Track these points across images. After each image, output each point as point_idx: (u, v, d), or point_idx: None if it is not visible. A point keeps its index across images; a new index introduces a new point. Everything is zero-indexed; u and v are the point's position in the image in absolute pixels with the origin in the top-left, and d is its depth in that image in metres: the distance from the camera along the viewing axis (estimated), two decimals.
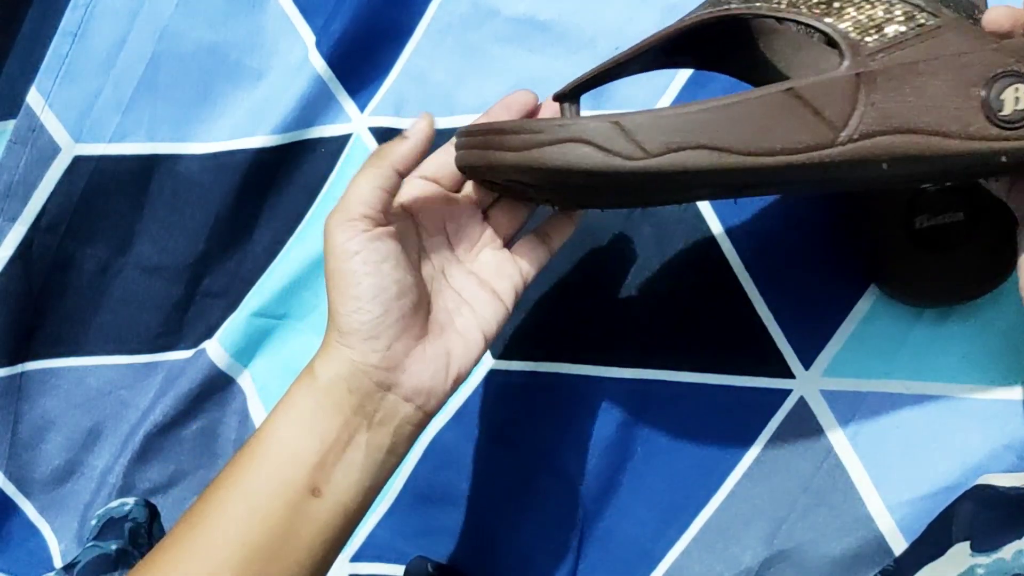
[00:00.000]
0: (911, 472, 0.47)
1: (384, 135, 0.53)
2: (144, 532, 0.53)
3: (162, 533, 0.56)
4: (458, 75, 0.52)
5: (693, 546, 0.50)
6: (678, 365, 0.51)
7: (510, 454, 0.53)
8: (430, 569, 0.52)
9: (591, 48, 0.50)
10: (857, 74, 0.32)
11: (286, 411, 0.37)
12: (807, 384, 0.49)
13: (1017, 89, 0.31)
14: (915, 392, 0.47)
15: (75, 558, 0.52)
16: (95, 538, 0.53)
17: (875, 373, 0.48)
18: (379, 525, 0.55)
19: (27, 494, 0.57)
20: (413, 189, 0.40)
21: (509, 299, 0.42)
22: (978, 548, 0.42)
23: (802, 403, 0.49)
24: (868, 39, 0.33)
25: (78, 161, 0.53)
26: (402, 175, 0.37)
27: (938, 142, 0.32)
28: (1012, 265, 0.43)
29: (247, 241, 0.55)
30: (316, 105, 0.53)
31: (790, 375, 0.49)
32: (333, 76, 0.52)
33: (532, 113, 0.41)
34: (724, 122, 0.34)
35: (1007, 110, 0.32)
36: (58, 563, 0.57)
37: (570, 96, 0.39)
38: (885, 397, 0.48)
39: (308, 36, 0.53)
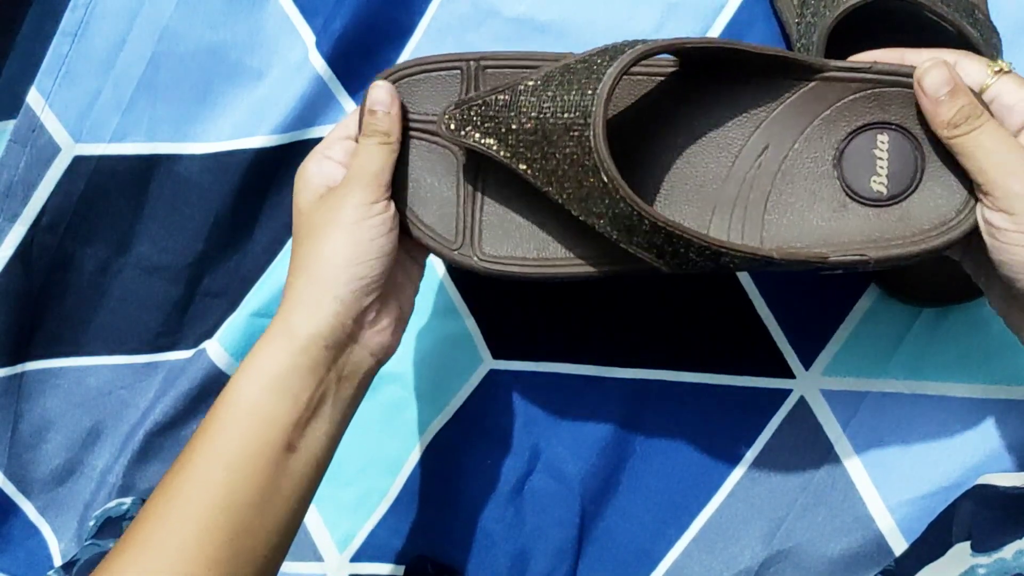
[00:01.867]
0: (911, 472, 0.47)
1: None
2: None
3: None
4: None
5: (693, 546, 0.50)
6: (678, 365, 0.51)
7: (509, 454, 0.53)
8: (430, 569, 0.52)
9: (590, 48, 0.49)
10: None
11: (259, 375, 0.38)
12: (807, 384, 0.49)
13: None
14: (915, 392, 0.47)
15: (74, 556, 0.52)
16: (94, 537, 0.53)
17: (875, 373, 0.48)
18: (379, 525, 0.55)
19: (27, 494, 0.57)
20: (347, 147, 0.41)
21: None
22: (979, 548, 0.42)
23: (802, 403, 0.49)
24: None
25: (78, 161, 0.53)
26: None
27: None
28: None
29: (247, 241, 0.55)
30: (316, 105, 0.53)
31: (790, 375, 0.49)
32: (333, 76, 0.52)
33: None
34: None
35: None
36: (57, 562, 0.57)
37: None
38: (885, 397, 0.48)
39: (308, 36, 0.53)
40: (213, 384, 0.55)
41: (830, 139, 0.37)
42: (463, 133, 0.38)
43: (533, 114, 0.36)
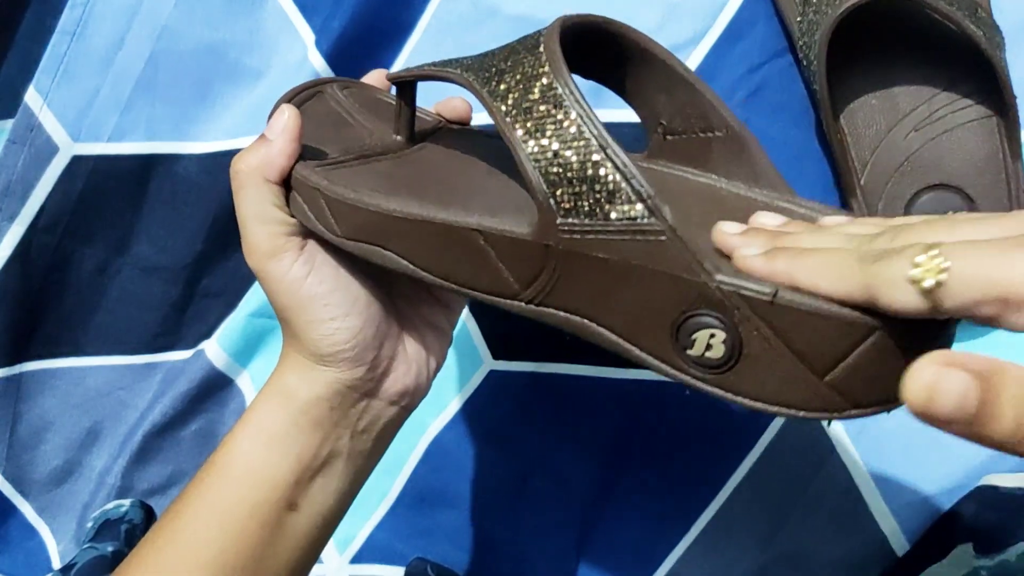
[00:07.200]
0: (913, 473, 0.47)
1: None
2: (140, 533, 0.53)
3: None
4: None
5: (694, 548, 0.50)
6: None
7: (510, 455, 0.53)
8: (430, 571, 0.52)
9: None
10: (546, 245, 0.29)
11: (256, 431, 0.35)
12: None
13: (712, 335, 0.27)
14: None
15: (72, 560, 0.52)
16: (91, 540, 0.52)
17: None
18: (379, 527, 0.55)
19: (26, 495, 0.57)
20: None
21: None
22: (981, 550, 0.42)
23: None
24: (565, 206, 0.28)
25: (76, 160, 0.52)
26: (281, 181, 0.35)
27: (623, 344, 0.29)
28: None
29: None
30: None
31: None
32: (332, 75, 0.52)
33: (463, 116, 0.42)
34: (410, 235, 0.32)
35: (695, 350, 0.27)
36: (56, 564, 0.57)
37: (406, 85, 0.38)
38: None
39: (307, 35, 0.53)
40: (211, 385, 0.55)
41: None
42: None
43: None
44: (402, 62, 0.53)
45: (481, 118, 0.45)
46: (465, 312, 0.53)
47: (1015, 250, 0.21)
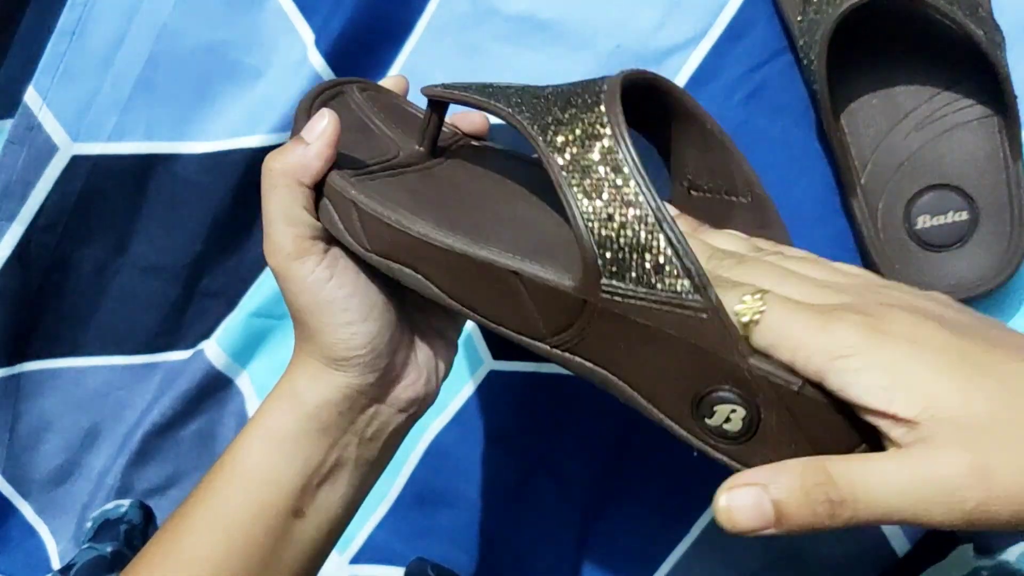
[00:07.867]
0: None
1: None
2: (139, 534, 0.53)
3: None
4: (458, 75, 0.52)
5: (694, 548, 0.50)
6: None
7: (510, 455, 0.53)
8: (429, 571, 0.52)
9: (592, 47, 0.49)
10: (584, 301, 0.29)
11: (264, 434, 0.35)
12: None
13: (733, 410, 0.28)
14: None
15: (71, 560, 0.52)
16: (91, 540, 0.52)
17: None
18: (379, 527, 0.55)
19: (25, 495, 0.57)
20: None
21: None
22: (981, 550, 0.42)
23: None
24: (611, 268, 0.28)
25: (76, 160, 0.52)
26: (313, 186, 0.34)
27: (645, 404, 0.30)
28: (1014, 264, 0.43)
29: (245, 241, 0.55)
30: None
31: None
32: (332, 74, 0.52)
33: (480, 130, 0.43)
34: (443, 263, 0.32)
35: (713, 421, 0.28)
36: (56, 564, 0.57)
37: (439, 103, 0.38)
38: None
39: (307, 34, 0.52)
40: (211, 385, 0.55)
41: None
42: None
43: None
44: (402, 62, 0.53)
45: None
46: None
47: (808, 318, 0.26)
